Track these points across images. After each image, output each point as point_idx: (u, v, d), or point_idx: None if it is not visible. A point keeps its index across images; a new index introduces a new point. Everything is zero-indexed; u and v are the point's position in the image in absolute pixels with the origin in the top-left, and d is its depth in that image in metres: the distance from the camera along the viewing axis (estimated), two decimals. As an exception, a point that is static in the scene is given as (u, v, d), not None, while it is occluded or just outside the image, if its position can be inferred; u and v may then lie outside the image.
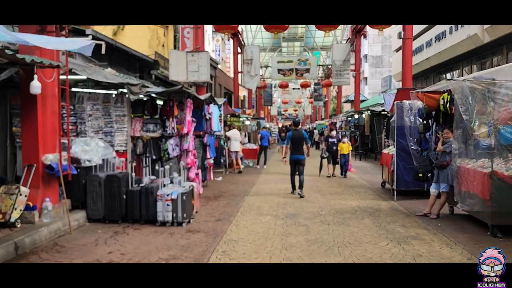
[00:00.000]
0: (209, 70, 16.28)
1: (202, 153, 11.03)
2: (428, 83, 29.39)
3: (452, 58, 25.26)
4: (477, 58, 23.68)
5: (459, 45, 22.99)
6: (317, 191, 10.45)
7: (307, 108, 54.73)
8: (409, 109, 8.94)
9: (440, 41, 25.95)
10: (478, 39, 20.80)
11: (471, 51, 22.67)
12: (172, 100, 9.59)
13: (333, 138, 13.78)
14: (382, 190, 10.58)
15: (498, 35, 19.01)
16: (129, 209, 7.17)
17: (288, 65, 29.03)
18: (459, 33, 22.58)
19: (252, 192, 10.31)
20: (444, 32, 25.10)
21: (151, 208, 7.06)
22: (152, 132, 9.62)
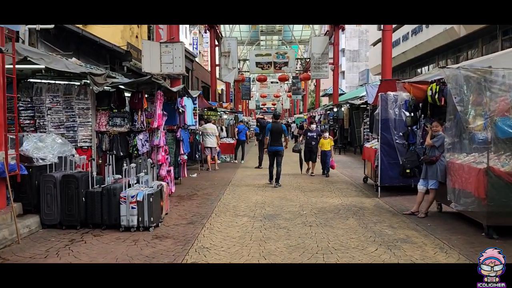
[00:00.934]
0: (184, 62, 15.33)
1: (175, 149, 10.19)
2: (404, 76, 29.13)
3: (428, 52, 25.07)
4: (452, 51, 23.51)
5: (436, 39, 22.77)
6: (297, 188, 9.76)
7: (286, 102, 54.11)
8: (394, 101, 8.31)
9: (416, 35, 25.67)
10: (454, 33, 20.56)
11: (447, 44, 22.48)
12: (141, 92, 8.71)
13: (312, 132, 12.23)
14: (365, 186, 9.96)
15: (474, 28, 18.77)
16: (89, 213, 6.30)
17: (266, 58, 28.29)
18: (436, 26, 22.32)
19: (228, 190, 9.53)
20: (420, 26, 24.83)
21: (113, 212, 6.21)
22: (119, 126, 8.74)
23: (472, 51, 21.29)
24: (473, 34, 19.38)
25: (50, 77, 8.62)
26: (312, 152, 12.00)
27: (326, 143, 11.88)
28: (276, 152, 10.15)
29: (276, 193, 9.17)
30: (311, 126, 12.78)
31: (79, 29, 12.56)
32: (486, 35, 19.19)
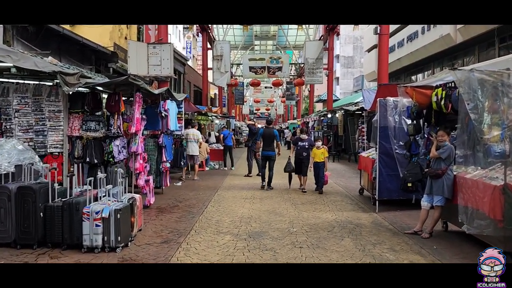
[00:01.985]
0: (172, 64, 14.55)
1: (157, 156, 9.33)
2: (399, 83, 28.45)
3: (423, 59, 24.51)
4: (448, 58, 22.96)
5: (431, 45, 22.23)
6: (287, 200, 8.93)
7: (280, 107, 53.35)
8: (394, 107, 7.52)
9: (412, 42, 25.06)
10: (450, 39, 19.97)
11: (443, 51, 21.91)
12: (118, 94, 7.87)
13: (304, 141, 10.26)
14: (361, 198, 9.15)
15: (471, 35, 18.15)
16: (48, 230, 5.44)
17: (260, 63, 27.52)
18: (432, 33, 21.75)
19: (213, 201, 8.68)
20: (416, 32, 24.24)
21: (75, 230, 5.35)
22: (93, 131, 7.90)
23: (468, 58, 20.70)
24: (469, 41, 18.78)
25: (20, 76, 7.79)
26: (303, 164, 10.11)
27: (319, 153, 10.04)
28: (268, 157, 10.49)
29: (264, 205, 8.33)
30: (302, 135, 10.64)
31: (60, 27, 11.70)
32: (483, 42, 18.58)
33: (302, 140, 10.39)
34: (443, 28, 20.10)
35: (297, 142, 10.52)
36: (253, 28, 33.87)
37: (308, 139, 10.59)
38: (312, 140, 10.81)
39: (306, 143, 10.28)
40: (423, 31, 23.08)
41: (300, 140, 10.42)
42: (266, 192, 9.90)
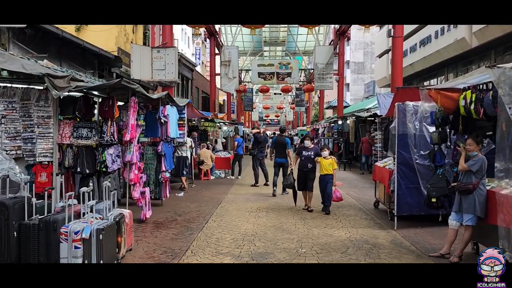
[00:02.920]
0: (177, 69, 13.92)
1: (156, 165, 8.63)
2: (411, 89, 27.52)
3: (437, 64, 23.63)
4: (463, 63, 22.07)
5: (445, 50, 21.37)
6: (296, 213, 8.14)
7: (289, 114, 52.52)
8: (414, 112, 6.72)
9: (425, 46, 24.19)
10: (465, 44, 19.08)
11: (458, 56, 21.03)
12: (112, 98, 7.20)
13: (308, 150, 8.59)
14: (377, 212, 8.32)
15: (488, 38, 17.23)
16: (22, 251, 4.74)
17: (269, 68, 26.90)
18: (446, 37, 20.88)
19: (215, 215, 7.93)
20: (429, 37, 23.38)
21: (53, 251, 4.65)
22: (85, 138, 7.23)
23: (483, 63, 19.77)
24: (486, 44, 17.86)
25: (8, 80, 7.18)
26: (307, 178, 8.48)
27: (326, 164, 8.30)
28: (281, 164, 10.47)
29: (270, 219, 7.56)
30: (306, 142, 8.77)
31: (59, 30, 11.13)
32: (499, 46, 17.67)
33: (306, 149, 8.65)
34: (458, 32, 19.24)
35: (301, 151, 8.76)
36: (262, 34, 33.25)
37: (314, 148, 8.77)
38: (318, 148, 8.84)
39: (312, 152, 8.57)
40: (436, 35, 22.23)
41: (305, 149, 8.68)
42: (272, 204, 9.13)
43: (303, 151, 8.67)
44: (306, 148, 8.70)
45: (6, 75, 7.07)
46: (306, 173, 8.51)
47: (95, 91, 7.60)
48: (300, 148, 9.00)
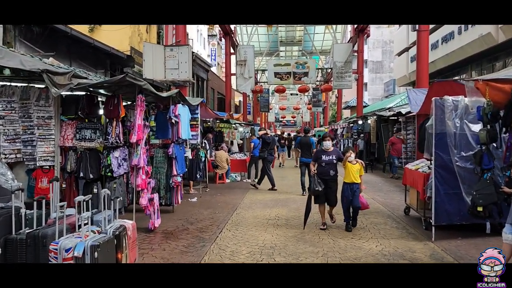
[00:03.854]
0: (191, 67, 13.27)
1: (167, 169, 7.97)
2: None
3: (460, 61, 22.46)
4: (487, 60, 20.95)
5: (469, 46, 20.24)
6: (319, 221, 7.35)
7: (306, 114, 51.49)
8: (453, 108, 5.88)
9: (447, 43, 23.05)
10: (491, 39, 17.96)
11: (482, 52, 19.90)
12: (117, 97, 6.57)
13: (328, 154, 6.96)
14: (408, 220, 7.47)
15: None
16: (8, 270, 4.10)
17: (285, 68, 26.07)
18: (469, 33, 19.77)
19: (230, 223, 7.21)
20: (452, 33, 22.27)
21: (42, 271, 3.99)
22: (89, 140, 6.66)
23: (510, 59, 18.63)
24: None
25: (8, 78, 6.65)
26: (329, 189, 6.84)
27: (353, 171, 6.72)
28: (307, 164, 10.27)
29: (291, 229, 6.81)
30: (325, 143, 7.07)
31: (67, 27, 10.60)
32: (529, 40, 16.51)
33: (326, 153, 6.98)
34: (483, 27, 18.11)
35: (319, 156, 7.04)
36: (277, 34, 32.50)
37: (335, 151, 7.15)
38: (339, 151, 7.31)
39: (334, 156, 6.93)
40: (459, 31, 21.12)
41: (324, 153, 7.00)
42: (292, 210, 8.37)
43: (322, 155, 6.98)
44: (326, 151, 7.02)
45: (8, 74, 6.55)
46: (327, 182, 6.83)
47: (99, 89, 7.00)
48: (318, 152, 7.22)
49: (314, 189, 6.74)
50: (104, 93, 7.07)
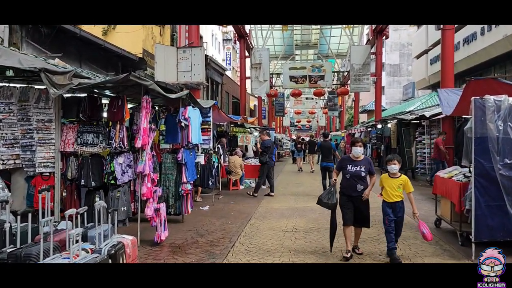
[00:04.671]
0: (204, 70, 12.74)
1: (176, 175, 7.38)
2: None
3: (482, 63, 21.50)
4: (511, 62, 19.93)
5: (493, 48, 19.33)
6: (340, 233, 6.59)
7: (321, 119, 50.62)
8: (496, 109, 5.15)
9: (469, 44, 22.09)
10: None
11: (507, 53, 18.98)
12: (122, 98, 6.03)
13: (357, 163, 5.48)
14: (440, 233, 6.71)
15: (545, 33, 15.15)
16: (-12, 295, 3.56)
17: (301, 71, 25.45)
18: (493, 33, 18.87)
19: (244, 236, 6.57)
20: (474, 34, 21.33)
21: (24, 297, 3.42)
22: (91, 145, 6.12)
23: (537, 60, 17.68)
24: (542, 40, 15.76)
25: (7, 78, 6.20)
26: (357, 208, 5.44)
27: (395, 186, 5.21)
28: (327, 168, 10.87)
29: (310, 242, 6.14)
30: (356, 150, 5.50)
31: (76, 28, 10.17)
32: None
33: (354, 162, 5.46)
34: (507, 27, 17.20)
35: (344, 165, 5.53)
36: (293, 37, 31.87)
37: (366, 160, 5.52)
38: (371, 161, 5.64)
39: (363, 167, 5.40)
40: (482, 32, 20.19)
41: (351, 162, 5.48)
42: (311, 221, 7.69)
43: (348, 165, 5.48)
44: (354, 160, 5.48)
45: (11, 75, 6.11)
46: (355, 200, 5.40)
47: (103, 90, 6.48)
48: (344, 160, 5.67)
49: (322, 200, 5.56)
50: (109, 95, 6.55)
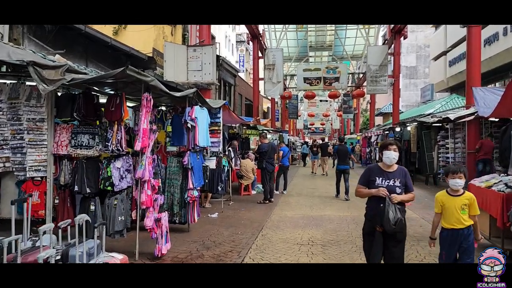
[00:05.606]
0: (215, 69, 12.12)
1: (182, 181, 6.73)
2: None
3: (504, 64, 20.44)
4: (535, 63, 18.90)
5: (517, 48, 18.25)
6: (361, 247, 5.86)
7: (335, 121, 49.58)
8: (549, 109, 4.35)
9: (490, 45, 21.01)
10: (542, 40, 16.05)
11: (532, 54, 17.92)
12: (120, 96, 5.41)
13: (389, 176, 3.83)
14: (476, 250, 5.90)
15: None
16: None
17: (315, 73, 24.65)
18: (517, 33, 17.84)
19: (254, 249, 5.86)
20: (496, 34, 20.28)
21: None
22: (86, 148, 5.51)
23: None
24: None
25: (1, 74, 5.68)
26: (388, 242, 3.74)
27: (457, 207, 3.80)
28: (344, 170, 11.28)
29: (328, 256, 5.43)
30: (388, 154, 3.82)
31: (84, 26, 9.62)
32: None
33: (385, 174, 3.85)
34: (533, 26, 16.18)
35: (372, 177, 3.89)
36: (307, 38, 31.12)
37: (400, 171, 3.89)
38: (406, 172, 3.95)
39: (397, 181, 3.80)
40: (505, 32, 19.17)
41: (381, 173, 3.87)
42: (329, 232, 6.95)
43: (377, 177, 3.83)
44: (384, 171, 3.85)
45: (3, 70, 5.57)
46: (386, 237, 3.74)
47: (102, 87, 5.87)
48: (371, 171, 3.94)
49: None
50: (109, 93, 5.94)
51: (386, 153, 3.84)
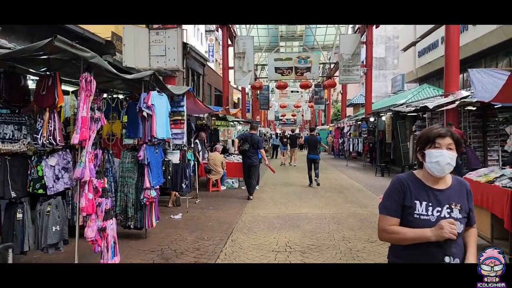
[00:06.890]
0: (180, 54, 11.00)
1: (137, 179, 5.68)
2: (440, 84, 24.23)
3: (473, 54, 20.50)
4: (504, 53, 19.07)
5: (486, 38, 18.46)
6: (347, 251, 5.02)
7: (306, 112, 49.12)
8: None
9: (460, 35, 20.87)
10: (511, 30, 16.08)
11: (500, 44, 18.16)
12: (53, 77, 4.29)
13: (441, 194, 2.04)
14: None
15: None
16: None
17: (286, 63, 23.83)
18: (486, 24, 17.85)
19: (223, 259, 4.92)
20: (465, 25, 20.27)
21: None
22: (10, 141, 4.37)
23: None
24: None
25: None
26: None
27: None
28: (313, 160, 11.57)
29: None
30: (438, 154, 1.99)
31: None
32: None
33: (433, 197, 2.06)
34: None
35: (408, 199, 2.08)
36: (278, 28, 30.19)
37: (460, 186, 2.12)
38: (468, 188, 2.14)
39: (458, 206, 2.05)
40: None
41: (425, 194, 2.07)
42: (308, 233, 6.09)
43: (419, 201, 2.07)
44: (431, 189, 2.08)
45: None
46: None
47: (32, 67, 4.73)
48: (402, 187, 2.10)
49: None
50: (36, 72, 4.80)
51: (432, 153, 2.03)
